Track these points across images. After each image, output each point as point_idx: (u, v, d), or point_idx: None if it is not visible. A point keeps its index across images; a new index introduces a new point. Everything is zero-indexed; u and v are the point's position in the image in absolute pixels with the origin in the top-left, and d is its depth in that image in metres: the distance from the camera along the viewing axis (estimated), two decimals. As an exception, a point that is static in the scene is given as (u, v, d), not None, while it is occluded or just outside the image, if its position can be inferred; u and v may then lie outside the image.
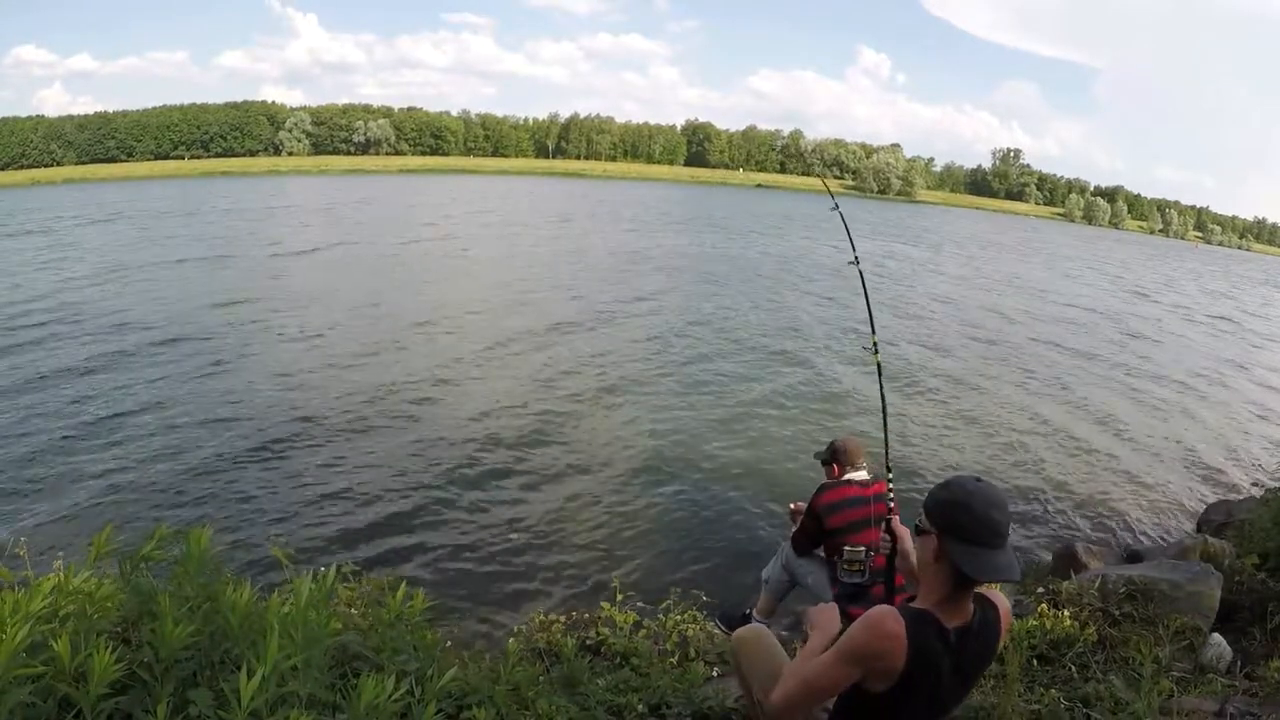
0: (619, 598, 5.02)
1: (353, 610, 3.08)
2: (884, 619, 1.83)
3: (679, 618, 4.80)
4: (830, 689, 1.96)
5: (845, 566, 3.06)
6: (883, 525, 2.95)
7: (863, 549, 3.11)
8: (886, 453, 3.38)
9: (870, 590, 3.50)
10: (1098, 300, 27.80)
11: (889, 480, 3.34)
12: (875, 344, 3.58)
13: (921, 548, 1.92)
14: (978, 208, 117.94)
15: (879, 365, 3.55)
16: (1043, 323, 21.13)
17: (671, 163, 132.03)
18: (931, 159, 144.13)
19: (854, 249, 3.92)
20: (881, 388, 3.52)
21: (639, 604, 5.16)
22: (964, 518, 1.82)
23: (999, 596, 2.01)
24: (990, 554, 1.80)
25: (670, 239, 34.53)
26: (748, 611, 4.67)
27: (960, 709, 3.18)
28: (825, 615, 2.26)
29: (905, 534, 2.69)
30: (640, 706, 3.14)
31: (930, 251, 40.40)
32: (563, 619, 4.80)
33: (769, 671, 2.55)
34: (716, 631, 4.64)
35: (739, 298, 20.47)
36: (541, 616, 4.86)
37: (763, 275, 25.14)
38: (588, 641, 4.39)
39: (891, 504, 3.36)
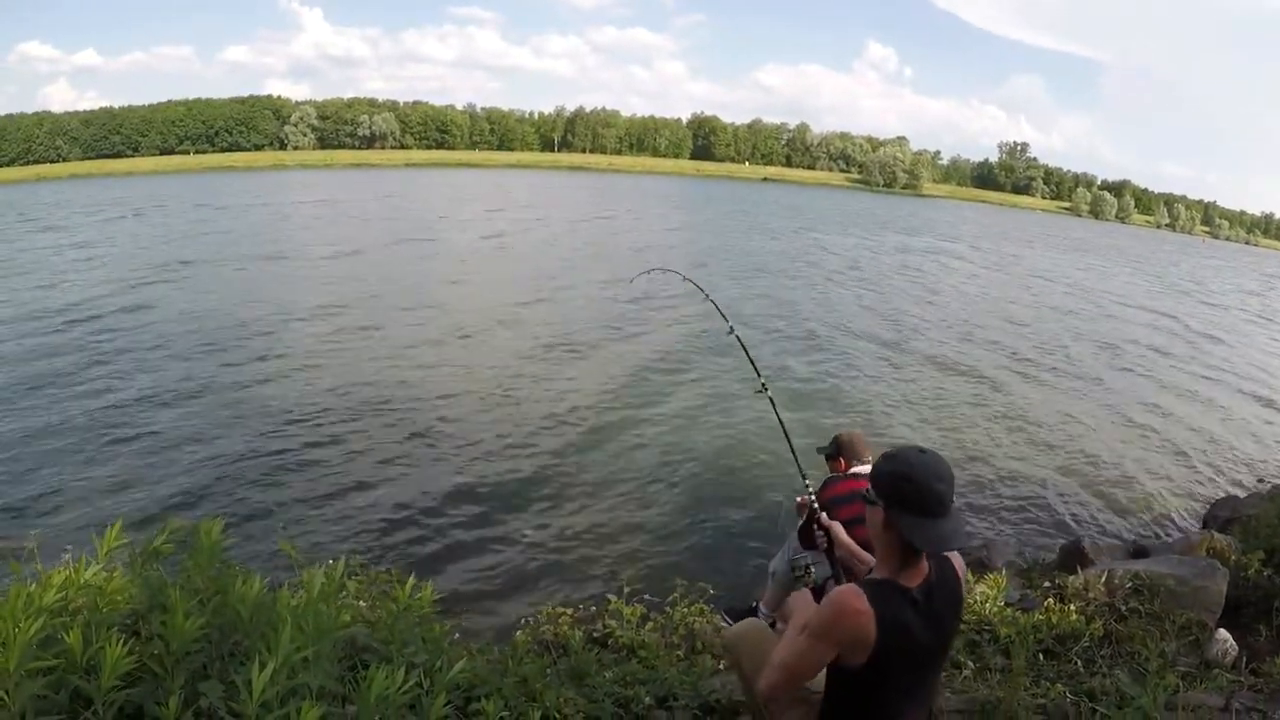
0: (626, 591, 5.03)
1: (361, 603, 3.09)
2: (847, 596, 1.88)
3: (686, 611, 4.81)
4: (810, 669, 2.00)
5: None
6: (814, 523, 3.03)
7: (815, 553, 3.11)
8: (799, 466, 3.59)
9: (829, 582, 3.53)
10: (1112, 295, 27.66)
11: (806, 484, 3.51)
12: (764, 384, 3.97)
13: (870, 518, 1.97)
14: (984, 202, 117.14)
15: (771, 400, 3.90)
16: (1054, 317, 21.06)
17: (677, 156, 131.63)
18: (938, 152, 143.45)
19: (728, 322, 4.37)
20: (779, 415, 3.75)
21: (646, 597, 5.18)
22: (908, 488, 1.87)
23: (950, 553, 2.05)
24: (935, 523, 1.85)
25: (685, 235, 34.49)
26: (754, 604, 4.67)
27: (967, 703, 3.20)
28: (800, 601, 2.30)
29: (836, 526, 2.89)
30: (647, 699, 3.15)
31: (952, 243, 40.38)
32: (570, 612, 4.82)
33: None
34: (723, 624, 4.65)
35: (748, 291, 20.40)
36: (549, 609, 4.88)
37: (773, 269, 25.04)
38: (595, 634, 4.40)
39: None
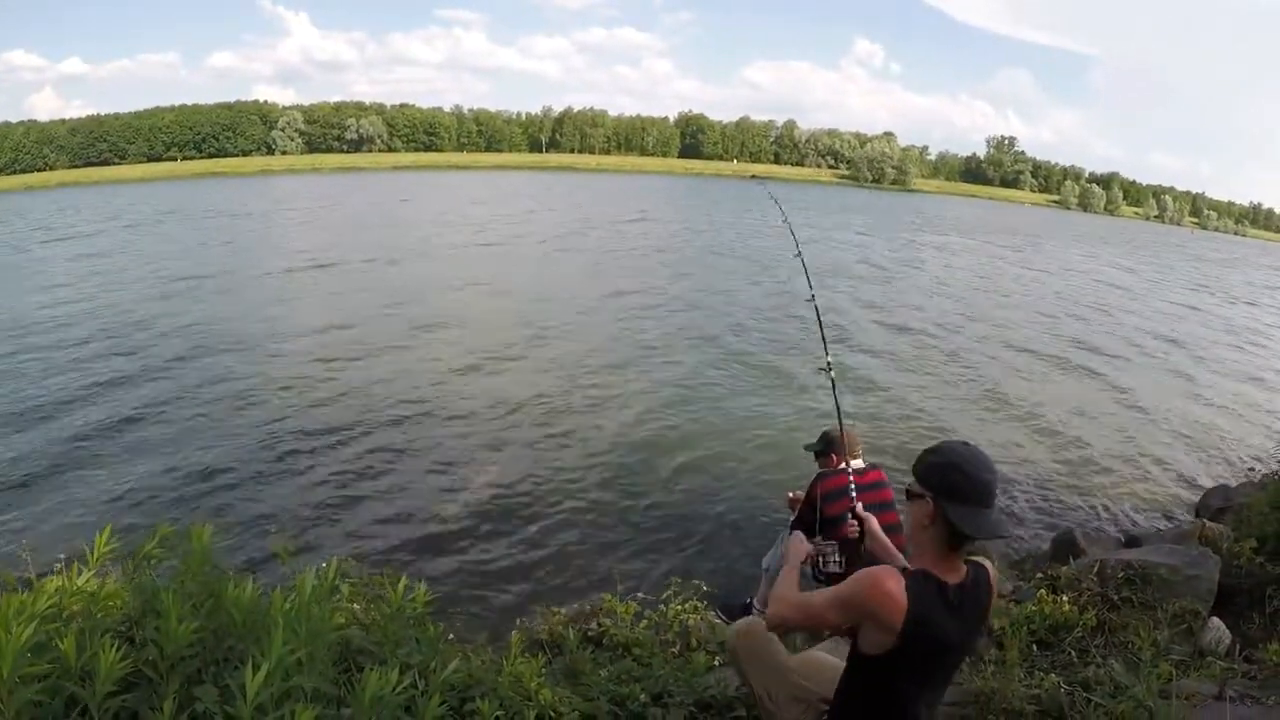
0: (620, 589, 5.03)
1: (355, 605, 3.09)
2: (883, 577, 1.87)
3: (680, 608, 4.80)
4: (819, 622, 2.08)
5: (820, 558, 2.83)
6: (848, 514, 2.99)
7: (835, 543, 2.92)
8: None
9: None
10: (1099, 285, 27.79)
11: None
12: (829, 364, 4.10)
13: (915, 511, 1.96)
14: (972, 196, 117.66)
15: (833, 381, 4.03)
16: (1043, 308, 21.15)
17: (665, 155, 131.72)
18: (926, 148, 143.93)
19: (811, 286, 4.51)
20: (836, 399, 3.95)
21: (640, 595, 5.18)
22: (958, 478, 1.87)
23: (984, 560, 2.07)
24: (984, 512, 1.87)
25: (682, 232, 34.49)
26: (748, 600, 4.69)
27: (961, 694, 3.22)
28: (794, 546, 2.39)
29: (871, 518, 2.83)
30: (643, 696, 3.16)
31: (941, 236, 40.51)
32: (564, 611, 4.80)
33: (769, 665, 2.59)
34: (717, 621, 4.65)
35: (743, 289, 20.41)
36: (543, 609, 4.87)
37: (770, 267, 24.92)
38: (589, 633, 4.39)
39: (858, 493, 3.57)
